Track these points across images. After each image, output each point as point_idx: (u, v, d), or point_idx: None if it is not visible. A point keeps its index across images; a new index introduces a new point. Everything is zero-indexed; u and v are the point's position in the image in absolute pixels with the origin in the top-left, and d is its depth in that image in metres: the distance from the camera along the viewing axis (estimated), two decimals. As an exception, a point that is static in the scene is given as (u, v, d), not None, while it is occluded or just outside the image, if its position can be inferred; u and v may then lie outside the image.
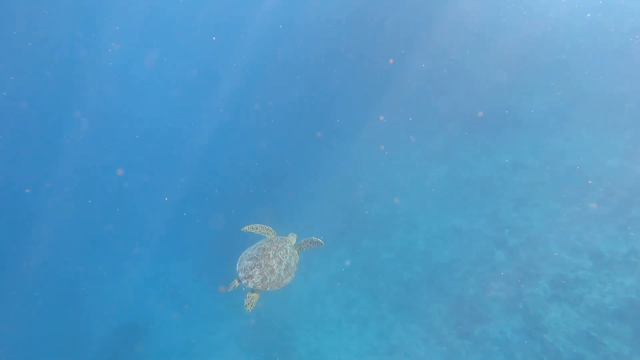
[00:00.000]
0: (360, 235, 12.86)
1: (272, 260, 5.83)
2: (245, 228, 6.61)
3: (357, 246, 12.59)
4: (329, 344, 10.55)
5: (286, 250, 6.17)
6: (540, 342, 8.66)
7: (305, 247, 6.58)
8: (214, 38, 25.82)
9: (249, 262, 5.81)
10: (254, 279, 5.60)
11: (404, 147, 15.81)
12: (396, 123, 16.87)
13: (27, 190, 23.89)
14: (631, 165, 11.34)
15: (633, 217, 10.00)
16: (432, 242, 11.65)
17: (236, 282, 5.70)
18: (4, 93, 24.32)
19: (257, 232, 6.60)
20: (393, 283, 11.09)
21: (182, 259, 15.78)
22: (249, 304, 5.74)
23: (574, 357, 8.26)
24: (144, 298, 14.93)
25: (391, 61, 18.76)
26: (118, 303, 15.33)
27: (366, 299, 11.08)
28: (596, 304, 8.73)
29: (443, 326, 9.78)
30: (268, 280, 5.68)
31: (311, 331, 10.94)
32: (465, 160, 13.82)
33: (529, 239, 10.49)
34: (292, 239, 6.76)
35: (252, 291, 5.77)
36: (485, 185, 12.53)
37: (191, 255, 15.65)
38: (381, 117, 17.35)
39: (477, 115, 14.78)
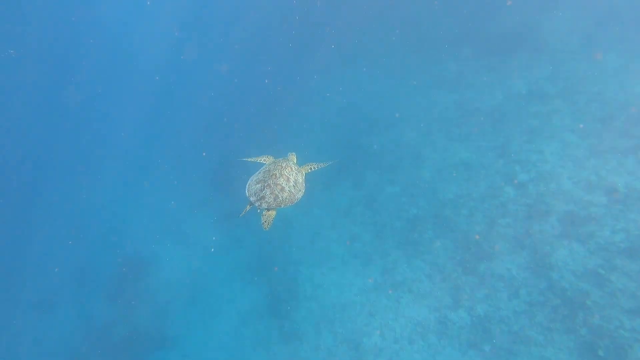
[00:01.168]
0: (364, 168, 12.37)
1: (279, 179, 5.96)
2: (245, 158, 6.71)
3: (360, 180, 12.17)
4: (332, 280, 10.60)
5: (291, 168, 6.30)
6: (546, 279, 8.57)
7: (308, 169, 6.77)
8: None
9: (257, 185, 5.92)
10: (266, 199, 5.75)
11: (411, 72, 14.68)
12: (402, 45, 15.53)
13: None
14: (662, 88, 10.44)
15: (657, 149, 9.39)
16: (439, 176, 11.17)
17: (249, 206, 5.88)
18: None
19: (257, 161, 6.78)
20: (397, 218, 10.83)
21: (184, 193, 15.57)
22: (265, 221, 5.88)
23: (579, 293, 8.19)
24: (148, 232, 15.00)
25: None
26: (123, 237, 15.47)
27: (370, 234, 10.91)
28: (606, 241, 8.48)
29: (447, 262, 9.69)
30: (281, 198, 5.81)
31: (315, 267, 10.94)
32: (477, 87, 12.82)
33: (540, 173, 9.98)
34: (293, 157, 6.91)
35: (267, 210, 5.87)
36: (496, 115, 11.73)
37: (193, 190, 15.41)
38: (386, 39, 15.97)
39: (491, 36, 13.46)
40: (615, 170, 9.37)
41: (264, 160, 6.73)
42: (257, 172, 6.40)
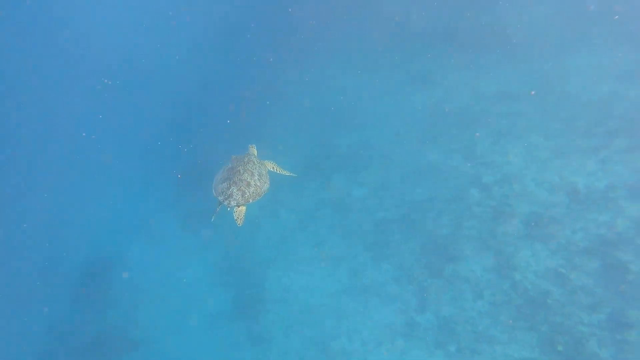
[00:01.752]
0: (332, 170, 12.31)
1: (244, 174, 6.08)
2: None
3: (328, 181, 12.11)
4: (300, 283, 10.53)
5: (253, 162, 6.46)
6: (509, 279, 8.64)
7: (270, 166, 7.10)
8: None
9: (223, 184, 6.01)
10: (234, 196, 5.86)
11: (380, 72, 14.66)
12: (372, 43, 15.48)
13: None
14: (624, 90, 10.59)
15: (616, 149, 9.51)
16: (407, 178, 11.17)
17: (218, 207, 5.96)
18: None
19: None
20: (365, 221, 10.81)
21: (151, 194, 15.31)
22: (238, 217, 6.01)
23: (541, 293, 8.28)
24: (113, 234, 14.73)
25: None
26: (87, 237, 15.18)
27: (338, 237, 10.86)
28: (567, 240, 8.59)
29: (415, 265, 9.70)
30: (248, 193, 5.96)
31: (283, 269, 10.87)
32: (446, 87, 12.87)
33: (505, 175, 10.05)
34: (253, 150, 7.19)
35: (237, 207, 6.00)
36: (464, 116, 11.77)
37: (160, 189, 15.17)
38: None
39: (461, 35, 13.51)
40: (576, 170, 9.48)
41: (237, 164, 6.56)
42: (221, 171, 6.49)
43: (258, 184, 6.20)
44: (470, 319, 8.72)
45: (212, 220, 6.26)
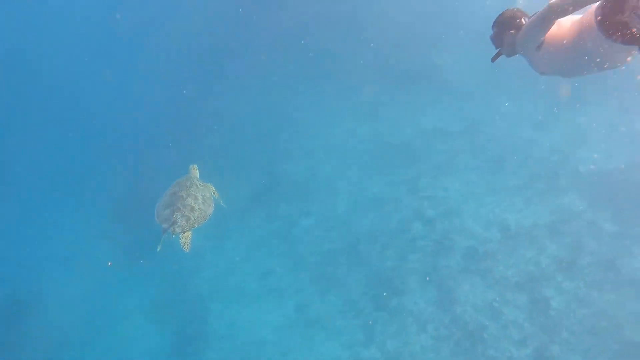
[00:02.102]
0: (279, 199, 12.10)
1: (187, 199, 5.85)
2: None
3: (275, 211, 11.87)
4: (245, 317, 10.07)
5: (196, 186, 6.19)
6: (450, 313, 9.07)
7: (212, 190, 6.74)
8: None
9: (166, 210, 5.79)
10: (179, 223, 5.63)
11: (327, 101, 14.87)
12: (318, 73, 15.69)
13: None
14: (540, 137, 11.90)
15: (537, 190, 10.61)
16: (353, 209, 11.34)
17: (164, 234, 5.70)
18: None
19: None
20: (312, 252, 10.72)
21: (81, 222, 13.66)
22: (184, 244, 5.79)
23: (478, 326, 8.80)
24: (34, 268, 12.85)
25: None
26: (1, 272, 13.03)
27: (284, 268, 10.62)
28: (501, 275, 9.29)
29: (361, 298, 9.78)
30: (193, 218, 5.77)
31: (226, 303, 10.31)
32: (390, 121, 13.41)
33: (445, 210, 10.66)
34: (195, 171, 6.85)
35: (183, 233, 5.77)
36: (407, 150, 12.34)
37: (91, 218, 13.59)
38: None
39: (404, 73, 14.25)
40: (507, 208, 10.39)
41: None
42: (163, 196, 6.18)
43: (202, 207, 6.00)
44: (413, 352, 8.96)
45: (158, 249, 5.88)
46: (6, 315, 11.56)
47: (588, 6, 2.58)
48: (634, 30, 2.33)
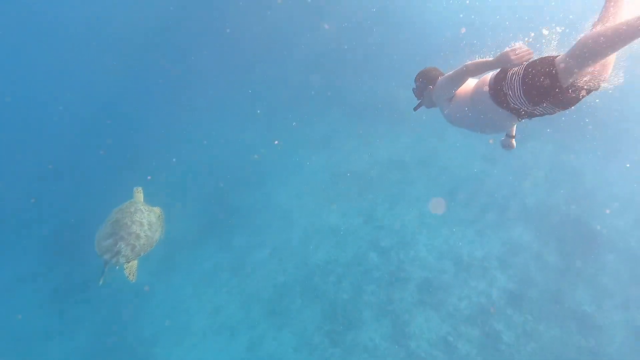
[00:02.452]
0: (231, 229, 11.63)
1: (132, 226, 5.49)
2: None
3: (227, 242, 11.38)
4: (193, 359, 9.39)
5: (141, 211, 5.81)
6: (405, 348, 8.92)
7: (159, 213, 6.41)
8: None
9: (109, 240, 5.37)
10: (123, 253, 5.32)
11: (279, 130, 14.74)
12: (271, 101, 15.63)
13: None
14: (490, 168, 12.35)
15: (488, 222, 10.91)
16: (308, 239, 11.09)
17: (106, 267, 5.33)
18: None
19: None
20: (265, 286, 10.28)
21: (6, 263, 12.26)
22: (130, 274, 5.51)
23: (433, 362, 8.72)
24: None
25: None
26: None
27: (235, 304, 10.07)
28: (454, 308, 9.31)
29: (315, 334, 9.43)
30: (139, 247, 5.47)
31: (171, 346, 9.55)
32: (345, 151, 13.45)
33: (400, 240, 10.67)
34: (139, 195, 6.46)
35: (127, 262, 5.46)
36: (362, 181, 12.36)
37: (18, 258, 12.24)
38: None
39: (356, 103, 14.47)
40: (460, 239, 10.56)
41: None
42: (103, 226, 5.72)
43: (149, 234, 5.66)
44: (369, 391, 8.72)
45: (100, 283, 5.52)
46: None
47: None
48: (510, 101, 2.76)
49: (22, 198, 14.46)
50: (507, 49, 2.61)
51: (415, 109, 3.88)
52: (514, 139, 3.82)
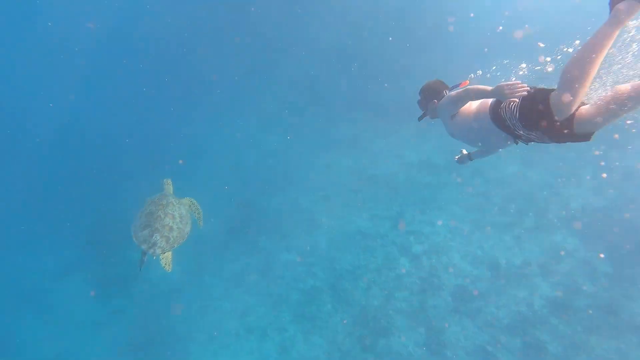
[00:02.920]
0: (258, 232, 11.44)
1: (165, 219, 5.74)
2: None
3: (254, 245, 11.19)
4: (225, 359, 9.20)
5: (172, 204, 6.01)
6: (440, 356, 8.49)
7: (188, 203, 6.73)
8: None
9: (145, 231, 5.63)
10: (159, 244, 5.56)
11: (305, 132, 14.53)
12: (296, 103, 15.45)
13: None
14: (527, 171, 11.79)
15: (526, 228, 10.36)
16: (336, 244, 10.78)
17: (144, 256, 5.62)
18: None
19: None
20: (294, 289, 10.03)
21: (48, 255, 12.40)
22: (166, 264, 5.76)
23: (471, 372, 8.26)
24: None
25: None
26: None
27: (265, 307, 9.84)
28: (492, 317, 8.83)
29: (346, 339, 9.09)
30: (172, 239, 5.70)
31: (205, 344, 9.38)
32: (372, 154, 13.12)
33: (432, 246, 10.26)
34: (169, 186, 6.74)
35: (163, 253, 5.70)
36: (391, 183, 12.01)
37: (61, 251, 12.36)
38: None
39: (382, 105, 14.13)
40: (496, 245, 10.07)
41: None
42: (139, 216, 5.97)
43: (180, 226, 5.92)
44: (403, 401, 8.32)
45: (140, 270, 5.80)
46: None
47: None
48: (508, 125, 3.02)
49: (60, 195, 14.78)
50: (502, 82, 2.79)
51: (419, 119, 4.10)
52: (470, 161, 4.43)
